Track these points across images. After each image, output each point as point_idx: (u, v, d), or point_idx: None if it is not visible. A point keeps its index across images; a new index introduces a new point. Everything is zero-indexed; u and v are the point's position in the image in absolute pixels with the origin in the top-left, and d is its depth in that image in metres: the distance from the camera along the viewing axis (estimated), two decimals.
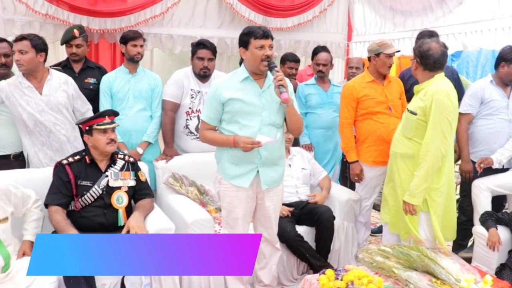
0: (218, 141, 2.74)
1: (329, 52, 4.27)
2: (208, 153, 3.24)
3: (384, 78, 3.55)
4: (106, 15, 4.22)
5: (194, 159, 3.62)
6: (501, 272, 2.90)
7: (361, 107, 3.52)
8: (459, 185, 3.67)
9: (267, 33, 2.60)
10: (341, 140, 3.69)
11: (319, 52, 4.22)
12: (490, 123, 3.34)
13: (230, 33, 4.91)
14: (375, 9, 5.65)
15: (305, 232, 3.36)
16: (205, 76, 3.64)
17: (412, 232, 2.95)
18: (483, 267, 2.96)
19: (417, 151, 2.86)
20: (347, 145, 3.61)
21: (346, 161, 4.39)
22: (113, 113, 2.90)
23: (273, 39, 2.65)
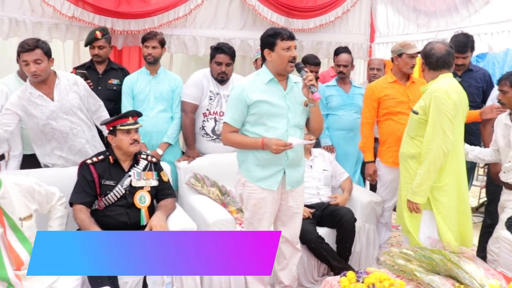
0: (245, 144, 2.71)
1: (350, 53, 4.25)
2: (230, 153, 3.26)
3: (407, 79, 3.52)
4: (130, 16, 4.28)
5: (216, 160, 3.64)
6: None
7: (382, 107, 3.53)
8: (483, 188, 3.60)
9: (292, 34, 2.62)
10: (360, 140, 3.73)
11: (340, 53, 4.21)
12: None
13: (252, 34, 4.91)
14: (398, 10, 5.59)
15: (326, 233, 3.35)
16: (223, 81, 3.66)
17: (410, 233, 2.96)
18: (509, 273, 2.89)
19: (419, 150, 2.88)
20: (364, 144, 3.67)
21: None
22: (136, 114, 2.94)
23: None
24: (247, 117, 2.69)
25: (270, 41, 2.63)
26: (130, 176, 2.88)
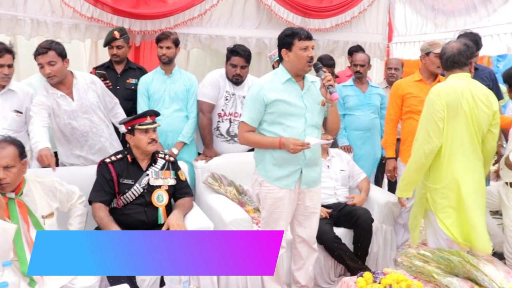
0: (262, 143, 2.71)
1: (364, 51, 4.23)
2: (247, 153, 3.28)
3: (434, 79, 3.49)
4: (147, 17, 4.32)
5: (233, 160, 3.66)
6: None
7: (405, 105, 3.54)
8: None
9: (310, 34, 2.62)
10: (383, 136, 3.79)
11: (354, 52, 4.18)
12: None
13: (268, 33, 4.93)
14: (416, 9, 5.55)
15: (343, 234, 3.34)
16: (237, 83, 3.67)
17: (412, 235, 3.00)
18: None
19: None
20: (386, 141, 3.72)
21: (384, 163, 4.37)
22: (154, 114, 2.96)
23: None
24: (264, 116, 2.69)
25: (287, 41, 2.63)
26: (148, 175, 2.91)
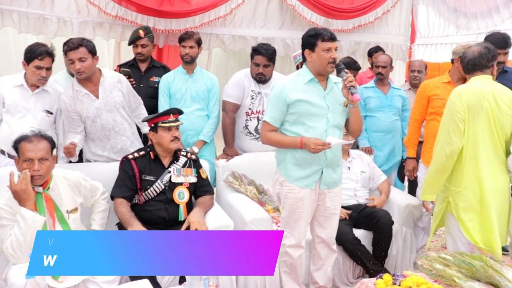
0: (283, 143, 2.73)
1: (384, 52, 4.20)
2: (268, 152, 3.29)
3: (464, 82, 3.44)
4: (172, 16, 4.36)
5: (254, 159, 3.67)
6: None
7: (430, 106, 3.51)
8: None
9: (334, 36, 2.62)
10: (406, 135, 3.79)
11: (373, 53, 4.15)
12: None
13: (291, 33, 4.93)
14: (439, 11, 5.50)
15: (362, 235, 3.33)
16: (260, 81, 3.68)
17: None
18: None
19: None
20: (408, 140, 3.72)
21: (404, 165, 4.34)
22: (177, 112, 2.99)
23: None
24: (286, 116, 2.70)
25: (310, 41, 2.63)
26: (170, 172, 2.94)
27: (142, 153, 2.97)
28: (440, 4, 5.43)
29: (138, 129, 3.52)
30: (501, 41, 3.44)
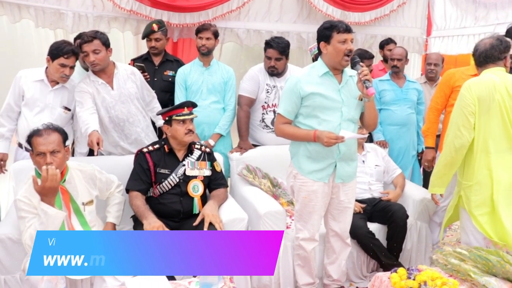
0: (297, 135, 2.73)
1: (395, 43, 4.16)
2: (282, 146, 3.28)
3: None
4: (185, 10, 4.38)
5: (268, 152, 3.67)
6: None
7: (452, 97, 3.40)
8: None
9: (349, 27, 2.60)
10: (424, 124, 3.73)
11: (385, 45, 4.09)
12: None
13: (306, 27, 4.90)
14: (456, 2, 5.40)
15: (376, 229, 3.31)
16: (273, 74, 3.67)
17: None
18: None
19: None
20: (428, 129, 3.64)
21: (420, 159, 4.30)
22: (191, 105, 2.99)
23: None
24: (300, 109, 2.69)
25: (326, 33, 2.62)
26: (184, 165, 2.95)
27: (156, 146, 2.99)
28: None
29: (153, 123, 3.54)
30: None
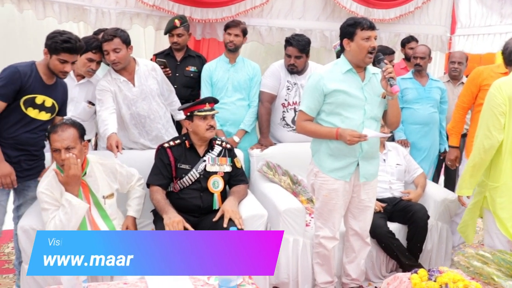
0: (319, 133, 2.71)
1: (417, 41, 4.10)
2: (302, 143, 3.27)
3: None
4: (208, 5, 4.37)
5: (288, 149, 3.67)
6: None
7: (480, 96, 3.34)
8: None
9: (373, 24, 2.58)
10: (450, 122, 3.67)
11: (406, 43, 4.03)
12: None
13: (329, 25, 4.86)
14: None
15: (396, 229, 3.29)
16: (293, 72, 3.65)
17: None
18: None
19: None
20: (453, 128, 3.61)
21: (442, 159, 4.24)
22: (213, 100, 3.00)
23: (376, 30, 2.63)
24: (323, 106, 2.68)
25: (349, 30, 2.60)
26: (204, 161, 2.96)
27: (177, 141, 3.00)
28: None
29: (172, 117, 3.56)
30: None
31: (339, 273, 3.14)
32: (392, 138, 4.00)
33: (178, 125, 3.64)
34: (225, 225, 2.70)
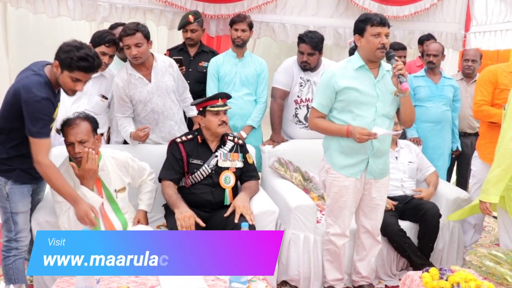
0: (330, 130, 2.72)
1: (435, 39, 4.06)
2: (314, 140, 3.26)
3: None
4: (221, 0, 4.37)
5: (300, 146, 3.66)
6: None
7: (496, 97, 3.27)
8: None
9: (384, 21, 2.55)
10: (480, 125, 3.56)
11: (424, 41, 4.00)
12: None
13: (343, 22, 4.83)
14: None
15: (408, 227, 3.27)
16: (306, 69, 3.64)
17: None
18: None
19: None
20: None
21: (454, 158, 4.21)
22: (226, 96, 3.00)
23: (389, 27, 2.59)
24: (334, 104, 2.68)
25: (360, 26, 2.60)
26: (216, 156, 2.97)
27: (190, 136, 3.01)
28: None
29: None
30: None
31: (349, 270, 3.13)
32: (403, 136, 3.98)
33: (189, 123, 3.64)
34: (236, 220, 2.71)
